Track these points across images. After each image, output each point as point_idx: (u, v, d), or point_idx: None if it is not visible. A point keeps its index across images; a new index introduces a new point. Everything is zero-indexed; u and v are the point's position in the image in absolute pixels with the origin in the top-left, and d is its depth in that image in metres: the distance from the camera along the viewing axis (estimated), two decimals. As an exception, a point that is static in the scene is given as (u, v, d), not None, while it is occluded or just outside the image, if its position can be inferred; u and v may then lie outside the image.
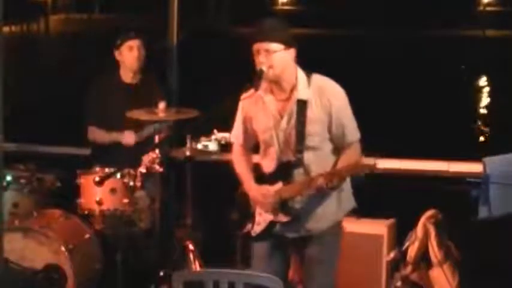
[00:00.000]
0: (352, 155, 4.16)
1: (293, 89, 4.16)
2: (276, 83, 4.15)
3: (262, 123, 4.25)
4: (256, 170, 4.37)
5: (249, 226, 4.31)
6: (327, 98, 4.15)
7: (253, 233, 4.30)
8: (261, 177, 4.31)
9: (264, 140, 4.28)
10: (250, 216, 4.31)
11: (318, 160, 4.18)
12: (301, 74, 4.18)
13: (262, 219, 4.26)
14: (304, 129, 4.13)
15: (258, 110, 4.25)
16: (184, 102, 5.75)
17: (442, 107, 15.22)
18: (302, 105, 4.13)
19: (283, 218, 4.21)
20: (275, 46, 4.07)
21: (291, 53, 4.13)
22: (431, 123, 13.47)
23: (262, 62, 4.07)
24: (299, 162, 4.15)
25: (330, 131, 4.18)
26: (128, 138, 5.58)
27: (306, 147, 4.15)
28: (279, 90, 4.18)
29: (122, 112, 5.46)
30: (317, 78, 4.21)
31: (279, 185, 4.19)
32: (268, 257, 4.32)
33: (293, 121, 4.14)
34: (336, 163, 4.19)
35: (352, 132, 4.22)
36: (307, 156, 4.16)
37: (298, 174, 4.18)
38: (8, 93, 3.69)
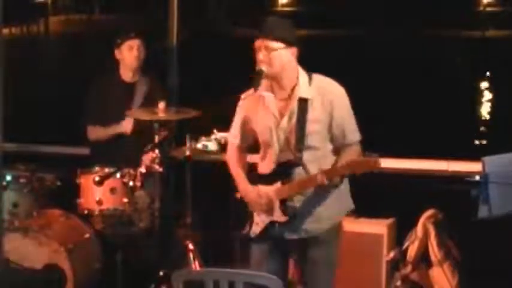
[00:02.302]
0: (352, 155, 4.13)
1: (294, 88, 4.15)
2: (276, 81, 4.14)
3: (262, 122, 4.22)
4: (251, 170, 4.35)
5: (247, 227, 4.29)
6: (328, 98, 4.14)
7: (252, 234, 4.28)
8: (255, 177, 4.28)
9: (264, 140, 4.25)
10: (248, 218, 4.29)
11: (317, 160, 4.16)
12: (302, 74, 4.18)
13: (260, 219, 4.24)
14: (304, 128, 4.11)
15: (258, 110, 4.23)
16: (185, 102, 5.75)
17: (441, 107, 15.21)
18: (303, 104, 4.12)
19: (281, 218, 4.18)
20: (275, 44, 4.07)
21: (292, 51, 4.13)
22: (431, 122, 13.46)
23: (261, 59, 4.07)
24: (299, 162, 4.13)
25: (330, 131, 4.17)
26: (126, 126, 5.57)
27: (305, 147, 4.13)
28: (279, 89, 4.16)
29: (121, 111, 5.46)
30: (318, 78, 4.21)
31: (277, 185, 4.17)
32: (267, 259, 4.29)
33: (294, 120, 4.13)
34: (335, 163, 4.17)
35: (353, 133, 4.21)
36: (307, 156, 4.14)
37: (297, 173, 4.15)
38: (8, 93, 3.69)
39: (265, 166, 4.27)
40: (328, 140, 4.19)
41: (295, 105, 4.13)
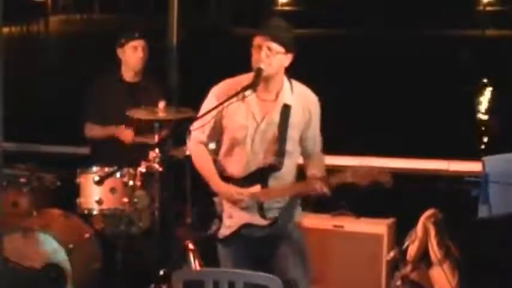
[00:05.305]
0: (322, 162, 4.30)
1: (278, 92, 4.15)
2: (266, 82, 4.12)
3: (239, 120, 4.17)
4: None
5: (213, 228, 4.26)
6: (307, 106, 4.20)
7: (220, 236, 4.25)
8: (225, 180, 4.23)
9: (234, 138, 4.19)
10: (213, 218, 4.26)
11: (291, 165, 4.22)
12: (285, 80, 4.20)
13: (233, 222, 4.22)
14: (286, 134, 4.13)
15: (236, 106, 4.15)
16: (185, 102, 5.74)
17: (442, 106, 15.23)
18: (286, 110, 4.14)
19: (261, 222, 4.18)
20: (278, 47, 4.05)
21: (288, 58, 4.12)
22: (431, 122, 13.47)
23: (263, 57, 4.04)
24: (280, 166, 4.15)
25: (305, 138, 4.23)
26: (126, 135, 5.57)
27: (286, 152, 4.16)
28: (264, 91, 4.14)
29: (121, 111, 5.46)
30: (298, 85, 4.24)
31: (256, 188, 4.16)
32: (239, 259, 4.26)
33: (274, 124, 4.14)
34: (306, 168, 4.26)
35: (320, 141, 4.33)
36: (286, 161, 4.17)
37: (275, 178, 4.17)
38: (9, 92, 3.69)
39: (232, 166, 4.23)
40: (298, 146, 4.25)
41: (279, 110, 4.14)
